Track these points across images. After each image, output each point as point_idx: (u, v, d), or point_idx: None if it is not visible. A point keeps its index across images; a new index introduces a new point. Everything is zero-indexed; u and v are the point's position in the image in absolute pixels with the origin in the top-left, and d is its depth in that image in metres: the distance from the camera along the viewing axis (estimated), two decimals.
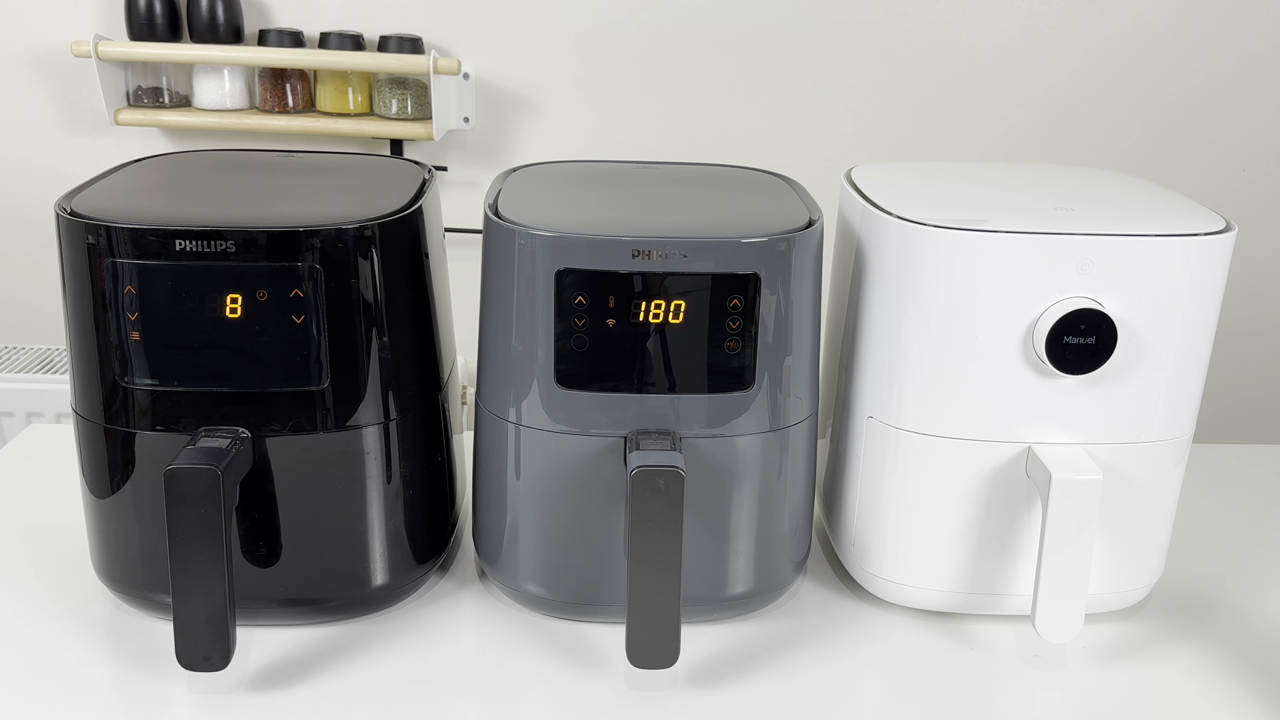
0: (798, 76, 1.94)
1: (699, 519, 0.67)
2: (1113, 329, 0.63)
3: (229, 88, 1.87)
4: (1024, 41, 1.92)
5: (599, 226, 0.63)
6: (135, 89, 1.89)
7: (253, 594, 0.67)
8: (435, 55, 1.81)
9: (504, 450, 0.67)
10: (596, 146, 1.97)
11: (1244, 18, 1.91)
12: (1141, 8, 1.90)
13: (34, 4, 1.87)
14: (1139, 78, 1.94)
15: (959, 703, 0.65)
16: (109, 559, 0.68)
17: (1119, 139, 1.98)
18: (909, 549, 0.71)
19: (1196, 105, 1.96)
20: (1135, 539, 0.70)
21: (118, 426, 0.64)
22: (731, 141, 1.97)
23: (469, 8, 1.89)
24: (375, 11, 1.88)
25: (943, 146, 1.97)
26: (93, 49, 1.76)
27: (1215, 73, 1.94)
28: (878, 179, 0.74)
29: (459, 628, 0.71)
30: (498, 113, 1.95)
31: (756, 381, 0.65)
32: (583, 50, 1.92)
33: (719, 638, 0.70)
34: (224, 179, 0.71)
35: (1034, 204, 0.68)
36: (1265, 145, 1.99)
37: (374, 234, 0.63)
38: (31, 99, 1.93)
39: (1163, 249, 0.63)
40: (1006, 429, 0.66)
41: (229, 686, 0.64)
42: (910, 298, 0.66)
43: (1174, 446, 0.68)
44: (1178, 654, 0.70)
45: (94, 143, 1.95)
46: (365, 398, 0.65)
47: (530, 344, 0.64)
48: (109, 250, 0.60)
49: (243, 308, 0.61)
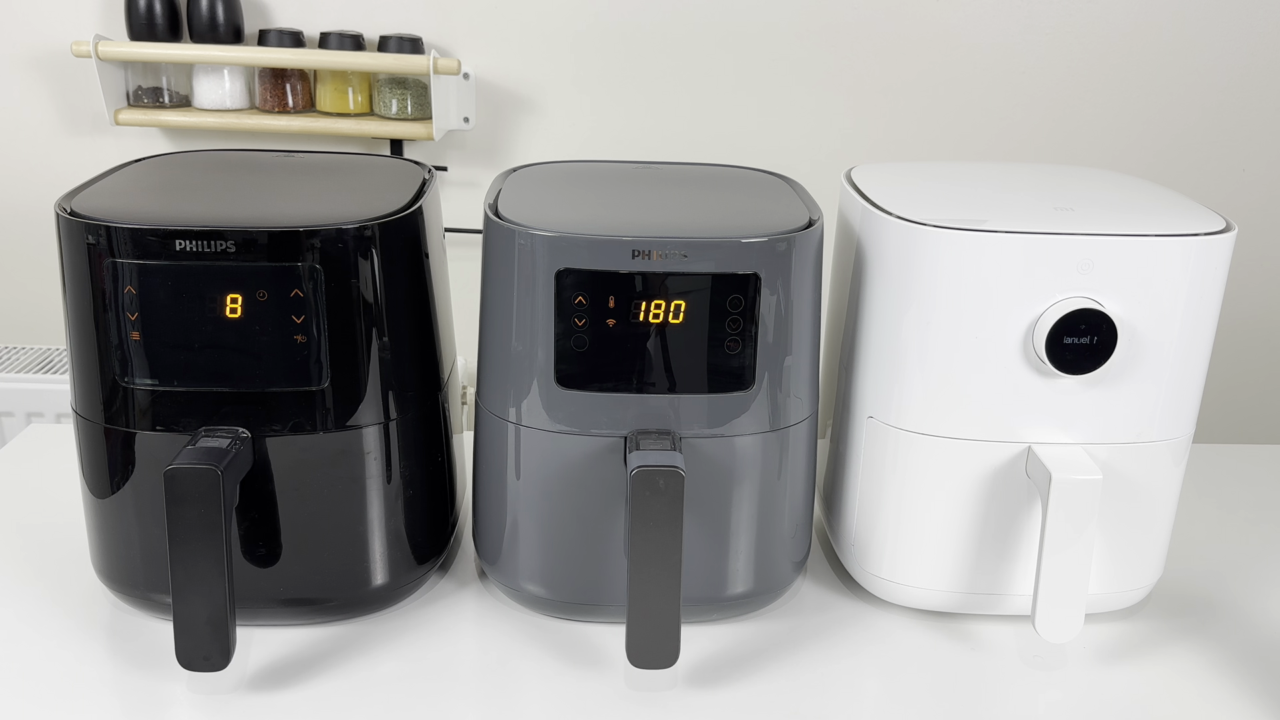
0: (797, 76, 1.94)
1: (699, 519, 0.67)
2: (1113, 329, 0.63)
3: (229, 88, 1.87)
4: (1024, 41, 1.92)
5: (599, 226, 0.63)
6: (135, 89, 1.89)
7: (253, 594, 0.67)
8: (435, 55, 1.81)
9: (504, 450, 0.67)
10: (596, 146, 1.97)
11: (1243, 17, 1.91)
12: (1141, 7, 1.90)
13: (34, 4, 1.87)
14: (1139, 77, 1.94)
15: (959, 703, 0.65)
16: (109, 559, 0.68)
17: (1119, 139, 1.98)
18: (909, 549, 0.71)
19: (1196, 105, 1.96)
20: (1135, 539, 0.70)
21: (118, 426, 0.64)
22: (731, 141, 1.97)
23: (469, 8, 1.89)
24: (375, 11, 1.88)
25: (943, 146, 1.97)
26: (93, 49, 1.76)
27: (1215, 72, 1.94)
28: (878, 179, 0.74)
29: (459, 628, 0.71)
30: (498, 113, 1.95)
31: (756, 381, 0.65)
32: (583, 50, 1.92)
33: (719, 638, 0.70)
34: (224, 179, 0.71)
35: (1034, 204, 0.68)
36: (1265, 145, 1.99)
37: (374, 234, 0.63)
38: (31, 99, 1.93)
39: (1163, 249, 0.63)
40: (1006, 429, 0.66)
41: (229, 686, 0.64)
42: (910, 298, 0.66)
43: (1174, 446, 0.68)
44: (1178, 654, 0.70)
45: (94, 143, 1.95)
46: (365, 398, 0.65)
47: (530, 344, 0.64)
48: (109, 250, 0.60)
49: (243, 308, 0.61)
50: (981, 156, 1.99)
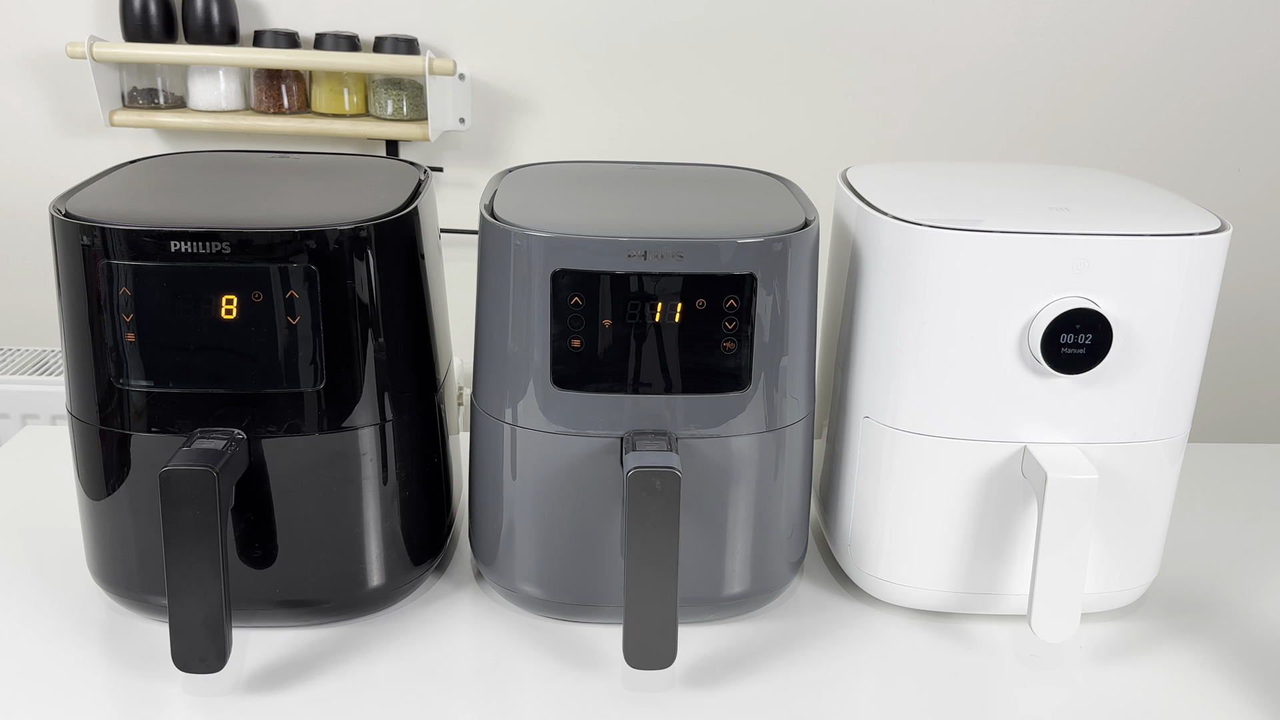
0: (793, 77, 1.94)
1: (695, 519, 0.67)
2: (1108, 329, 0.63)
3: (224, 89, 1.87)
4: (1019, 42, 1.92)
5: (595, 227, 0.63)
6: (130, 90, 1.89)
7: (248, 595, 0.67)
8: (430, 56, 1.81)
9: (500, 451, 0.67)
10: (592, 147, 1.97)
11: (1238, 18, 1.91)
12: (1137, 8, 1.90)
13: (28, 5, 1.87)
14: (1134, 78, 1.95)
15: (955, 702, 0.65)
16: (104, 561, 0.68)
17: (1114, 139, 1.98)
18: (905, 549, 0.71)
19: (1191, 105, 1.96)
20: (1131, 538, 0.70)
21: (113, 428, 0.64)
22: (727, 141, 1.97)
23: (464, 8, 1.89)
24: (370, 12, 1.88)
25: (938, 146, 1.98)
26: (88, 50, 1.76)
27: (1210, 72, 1.94)
28: (873, 179, 0.74)
29: (455, 629, 0.71)
30: (493, 113, 1.95)
31: (753, 382, 0.65)
32: (578, 51, 1.92)
33: (716, 638, 0.70)
34: (219, 180, 0.71)
35: (1029, 204, 0.68)
36: (1260, 145, 1.99)
37: (369, 235, 0.63)
38: (26, 100, 1.92)
39: (1158, 249, 0.63)
40: (1002, 429, 0.67)
41: (225, 688, 0.64)
42: (906, 298, 0.66)
43: (1169, 446, 0.68)
44: (1174, 653, 0.70)
45: (89, 144, 1.95)
46: (361, 399, 0.65)
47: (526, 345, 0.64)
48: (104, 251, 0.60)
49: (238, 309, 0.61)
50: (977, 156, 1.99)
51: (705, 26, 1.90)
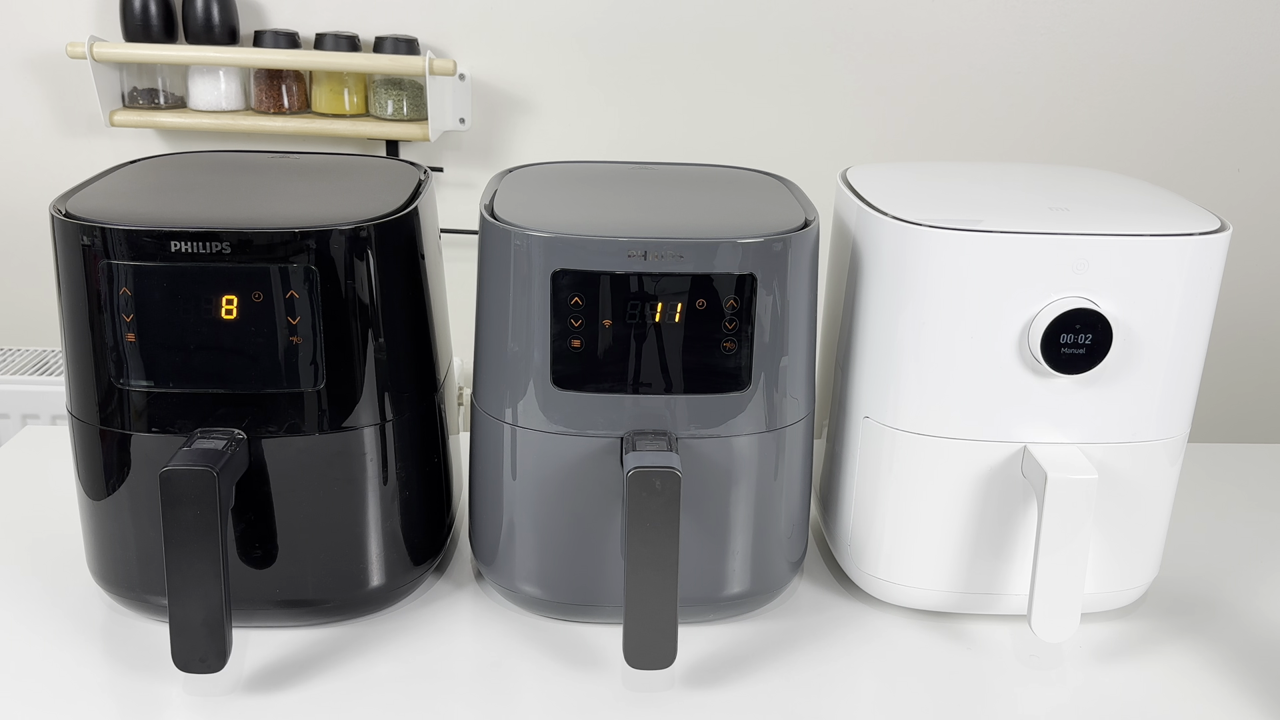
0: (793, 77, 1.94)
1: (695, 520, 0.67)
2: (1108, 329, 0.63)
3: (224, 89, 1.87)
4: (1019, 42, 1.92)
5: (595, 227, 0.63)
6: (130, 90, 1.89)
7: (249, 595, 0.67)
8: (431, 56, 1.81)
9: (500, 451, 0.67)
10: (592, 147, 1.97)
11: (1238, 18, 1.91)
12: (1137, 8, 1.90)
13: (29, 5, 1.87)
14: (1134, 78, 1.95)
15: (955, 702, 0.65)
16: (105, 561, 0.68)
17: (1114, 139, 1.98)
18: (905, 549, 0.71)
19: (1191, 105, 1.96)
20: (1131, 538, 0.70)
21: (113, 428, 0.64)
22: (727, 142, 1.97)
23: (465, 9, 1.89)
24: (370, 12, 1.88)
25: (938, 146, 1.98)
26: (88, 50, 1.76)
27: (1210, 72, 1.94)
28: (873, 179, 0.74)
29: (455, 629, 0.71)
30: (493, 113, 1.95)
31: (753, 382, 0.65)
32: (578, 51, 1.92)
33: (716, 638, 0.70)
34: (219, 180, 0.71)
35: (1029, 204, 0.68)
36: (1260, 145, 1.99)
37: (370, 235, 0.63)
38: (26, 100, 1.92)
39: (1158, 249, 0.63)
40: (1002, 429, 0.67)
41: (225, 688, 0.64)
42: (906, 298, 0.66)
43: (1169, 446, 0.68)
44: (1173, 653, 0.70)
45: (89, 144, 1.95)
46: (361, 399, 0.65)
47: (526, 345, 0.64)
48: (104, 252, 0.60)
49: (238, 309, 0.61)
50: (977, 157, 1.99)
51: (706, 27, 1.91)
